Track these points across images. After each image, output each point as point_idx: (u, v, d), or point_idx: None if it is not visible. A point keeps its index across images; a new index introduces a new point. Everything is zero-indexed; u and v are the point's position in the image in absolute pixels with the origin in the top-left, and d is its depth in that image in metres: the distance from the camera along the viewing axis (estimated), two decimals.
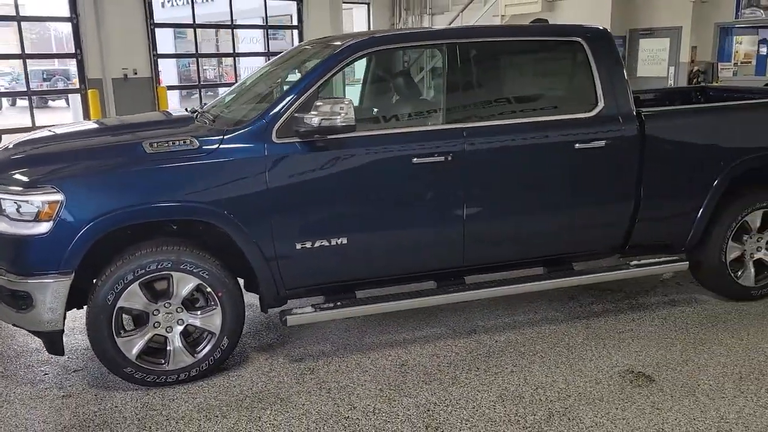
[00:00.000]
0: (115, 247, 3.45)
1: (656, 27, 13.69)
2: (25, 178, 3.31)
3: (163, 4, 25.18)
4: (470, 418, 3.22)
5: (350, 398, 3.42)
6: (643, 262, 4.39)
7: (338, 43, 3.89)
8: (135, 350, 3.46)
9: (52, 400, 3.46)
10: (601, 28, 4.24)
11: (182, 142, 3.47)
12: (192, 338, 3.63)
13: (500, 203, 3.95)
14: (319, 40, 4.52)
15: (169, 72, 19.47)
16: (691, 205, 4.32)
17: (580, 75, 4.16)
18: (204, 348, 3.59)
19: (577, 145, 3.97)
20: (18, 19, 11.70)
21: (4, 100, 24.52)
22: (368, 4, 17.57)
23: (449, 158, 3.74)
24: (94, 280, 3.44)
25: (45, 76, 23.96)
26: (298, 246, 3.61)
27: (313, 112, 3.44)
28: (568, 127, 3.99)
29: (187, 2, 16.47)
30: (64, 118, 15.73)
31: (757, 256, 4.58)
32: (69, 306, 3.41)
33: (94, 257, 3.39)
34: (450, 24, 15.62)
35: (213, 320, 3.57)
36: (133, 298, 3.40)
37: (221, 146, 3.49)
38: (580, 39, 4.09)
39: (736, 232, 4.47)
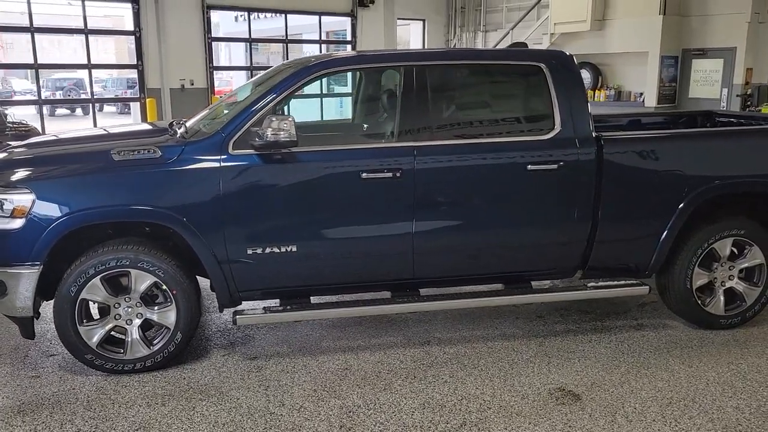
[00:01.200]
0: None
1: (710, 47, 13.32)
2: (5, 179, 3.73)
3: (236, 18, 26.37)
4: (385, 422, 3.38)
5: (283, 396, 3.65)
6: (600, 284, 4.43)
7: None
8: (95, 339, 3.81)
9: (22, 379, 3.86)
10: (563, 53, 4.34)
11: (147, 151, 3.81)
12: (153, 332, 3.96)
13: (449, 221, 4.11)
14: (300, 59, 4.80)
15: (239, 83, 20.24)
16: (653, 229, 4.32)
17: (539, 99, 4.27)
18: (159, 341, 3.91)
19: (529, 166, 4.08)
20: (86, 32, 12.61)
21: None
22: (424, 20, 17.84)
23: (398, 175, 3.93)
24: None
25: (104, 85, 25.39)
26: (249, 251, 3.88)
27: (264, 128, 3.72)
28: (520, 149, 4.11)
29: (260, 17, 17.25)
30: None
31: (728, 284, 4.53)
32: (48, 297, 3.82)
33: (71, 252, 3.77)
34: (499, 42, 15.70)
35: (168, 316, 3.88)
36: (95, 290, 3.76)
37: (181, 156, 3.81)
38: (540, 64, 4.20)
39: (704, 259, 4.44)
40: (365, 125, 4.52)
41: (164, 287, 3.84)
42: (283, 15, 15.16)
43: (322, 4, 15.32)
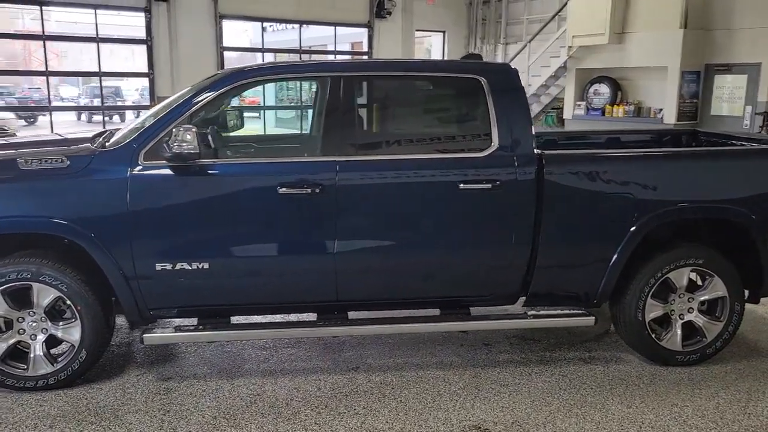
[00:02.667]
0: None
1: (734, 63, 12.75)
2: None
3: (264, 29, 26.62)
4: None
5: (179, 422, 3.45)
6: (542, 312, 4.12)
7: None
8: None
9: None
10: (505, 66, 4.08)
11: (54, 160, 3.68)
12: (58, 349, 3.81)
13: (374, 241, 3.87)
14: (235, 68, 4.64)
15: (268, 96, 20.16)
16: (601, 255, 4.01)
17: (476, 114, 4.02)
18: (63, 359, 3.76)
19: (461, 185, 3.82)
20: (97, 40, 12.78)
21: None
22: (444, 32, 17.63)
23: (317, 191, 3.72)
24: None
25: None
26: (158, 267, 3.71)
27: (170, 139, 3.56)
28: (451, 167, 3.85)
29: (289, 27, 17.28)
30: None
31: (687, 317, 4.17)
32: None
33: None
34: (516, 55, 15.37)
35: (72, 333, 3.73)
36: None
37: (89, 166, 3.67)
38: (479, 77, 3.95)
39: (659, 289, 4.09)
40: (289, 138, 4.33)
41: (68, 303, 3.68)
42: (299, 26, 15.13)
43: (338, 15, 15.25)
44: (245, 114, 5.47)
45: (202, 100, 3.79)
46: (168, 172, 3.67)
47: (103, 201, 3.63)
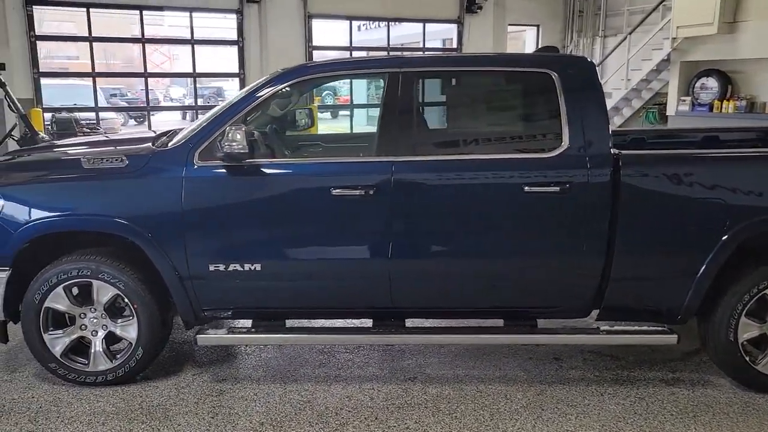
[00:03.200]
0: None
1: None
2: None
3: (359, 27, 26.77)
4: None
5: (226, 427, 3.39)
6: (616, 328, 3.76)
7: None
8: (59, 348, 3.76)
9: None
10: (581, 59, 3.75)
11: (114, 159, 3.72)
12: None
13: (430, 245, 3.66)
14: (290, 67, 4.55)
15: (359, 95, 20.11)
16: (685, 268, 3.61)
17: (545, 111, 3.73)
18: (122, 356, 3.80)
19: (526, 188, 3.54)
20: (192, 42, 13.21)
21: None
22: (538, 26, 17.03)
23: (371, 192, 3.55)
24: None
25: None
26: (212, 268, 3.67)
27: (222, 139, 3.50)
28: (516, 168, 3.58)
29: (380, 25, 17.26)
30: None
31: None
32: None
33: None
34: (615, 48, 14.59)
35: (129, 330, 3.76)
36: (58, 299, 3.71)
37: (147, 166, 3.68)
38: (550, 71, 3.64)
39: (755, 307, 3.64)
40: (355, 137, 4.19)
41: (126, 300, 3.71)
42: (387, 23, 15.04)
43: (427, 11, 15.02)
44: (322, 113, 5.38)
45: (255, 100, 3.71)
46: (220, 172, 3.62)
47: (159, 200, 3.63)
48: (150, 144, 4.01)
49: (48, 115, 9.36)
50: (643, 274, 3.67)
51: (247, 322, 3.90)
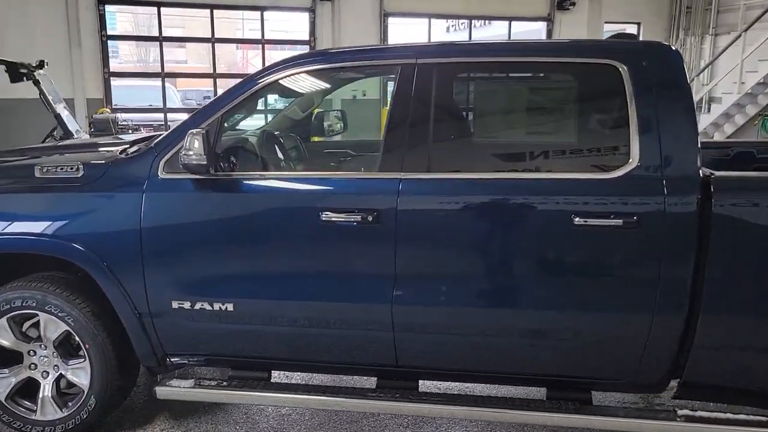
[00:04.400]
0: None
1: None
2: None
3: (448, 29, 25.92)
4: None
5: None
6: (700, 414, 2.74)
7: None
8: (3, 389, 3.17)
9: None
10: (661, 47, 2.77)
11: (69, 168, 3.09)
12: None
13: (445, 290, 2.79)
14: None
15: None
16: None
17: (607, 116, 2.79)
18: (73, 404, 3.16)
19: (576, 219, 2.60)
20: (263, 42, 12.81)
21: None
22: (639, 23, 15.52)
23: (371, 218, 2.73)
24: None
25: None
26: (175, 305, 2.97)
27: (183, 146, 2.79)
28: (563, 192, 2.65)
29: (475, 24, 16.37)
30: None
31: None
32: None
33: None
34: (727, 47, 12.98)
35: (80, 375, 3.12)
36: (2, 333, 3.12)
37: (103, 176, 3.03)
38: (617, 63, 2.69)
39: None
40: (348, 148, 3.39)
41: (77, 339, 3.07)
42: (468, 22, 14.10)
43: (513, 8, 13.93)
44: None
45: (234, 99, 2.97)
46: (187, 186, 2.90)
47: (114, 219, 2.97)
48: (114, 150, 3.35)
49: (100, 116, 9.15)
50: (741, 341, 2.65)
51: (225, 373, 3.16)
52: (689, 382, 2.74)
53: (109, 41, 11.81)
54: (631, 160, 2.62)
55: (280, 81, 2.99)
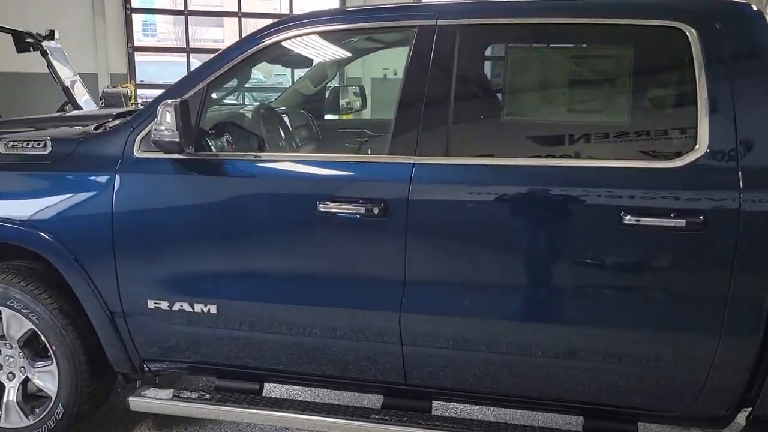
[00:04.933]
0: None
1: None
2: None
3: None
4: None
5: None
6: None
7: None
8: None
9: None
10: (738, 5, 2.23)
11: (36, 144, 2.69)
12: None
13: (465, 296, 2.33)
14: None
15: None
16: None
17: (670, 91, 2.29)
18: (40, 412, 2.79)
19: (627, 217, 2.12)
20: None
21: None
22: None
23: (377, 210, 2.28)
24: None
25: None
26: (151, 304, 2.57)
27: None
28: (611, 183, 2.16)
29: None
30: None
31: None
32: None
33: None
34: None
35: (47, 379, 2.75)
36: None
37: (73, 154, 2.63)
38: (683, 25, 2.18)
39: None
40: (368, 127, 2.93)
41: (43, 339, 2.70)
42: None
43: None
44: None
45: (222, 66, 2.52)
46: (165, 167, 2.49)
47: (82, 204, 2.57)
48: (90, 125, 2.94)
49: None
50: None
51: (209, 384, 2.76)
52: (762, 417, 2.25)
53: (144, 18, 11.52)
54: (697, 146, 2.12)
55: (282, 44, 2.54)
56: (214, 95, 2.66)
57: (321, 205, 2.32)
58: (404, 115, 2.36)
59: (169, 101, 2.29)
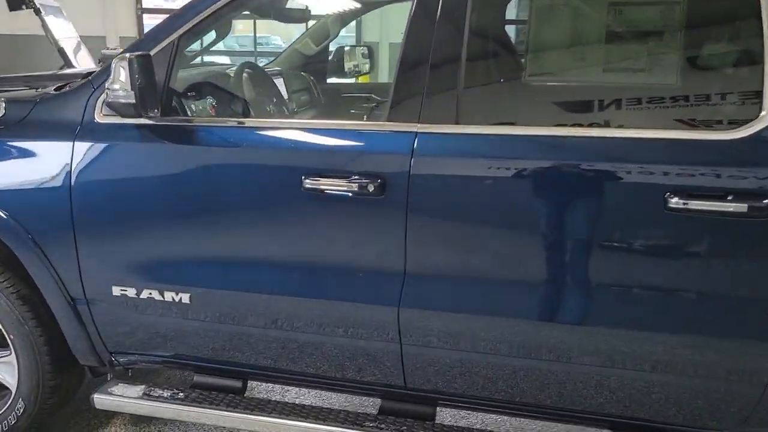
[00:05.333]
0: None
1: None
2: None
3: None
4: None
5: None
6: None
7: None
8: None
9: None
10: None
11: None
12: None
13: (475, 290, 1.98)
14: None
15: None
16: None
17: (728, 46, 1.88)
18: (1, 406, 2.51)
19: (673, 200, 1.73)
20: None
21: None
22: None
23: (372, 188, 1.92)
24: None
25: None
26: (117, 291, 2.25)
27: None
28: (655, 158, 1.78)
29: None
30: None
31: None
32: None
33: None
34: None
35: (6, 370, 2.47)
36: None
37: (27, 118, 2.29)
38: None
39: None
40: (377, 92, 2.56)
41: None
42: None
43: None
44: None
45: (195, 17, 2.15)
46: (128, 136, 2.14)
47: (39, 176, 2.24)
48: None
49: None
50: None
51: (184, 381, 2.46)
52: None
53: None
54: (763, 113, 1.72)
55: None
56: (188, 51, 2.29)
57: (307, 181, 1.97)
58: (406, 76, 1.98)
59: (125, 54, 1.93)
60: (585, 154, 1.83)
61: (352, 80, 4.00)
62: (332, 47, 3.73)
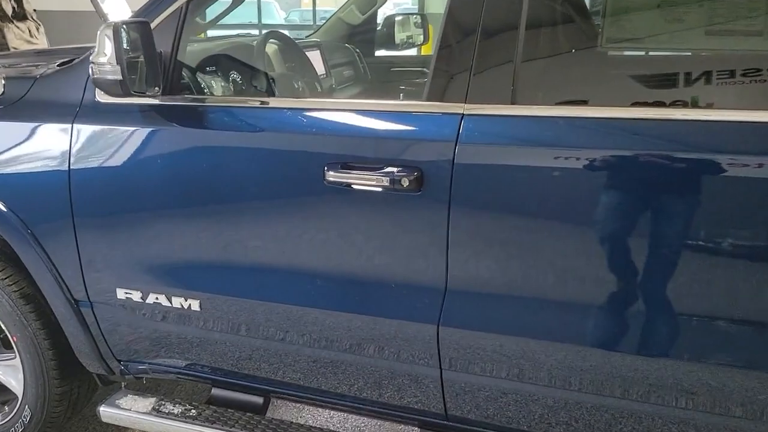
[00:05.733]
0: None
1: None
2: None
3: None
4: None
5: None
6: None
7: None
8: None
9: None
10: None
11: None
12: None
13: (533, 307, 1.61)
14: None
15: None
16: None
17: None
18: (8, 413, 2.32)
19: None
20: None
21: None
22: None
23: (407, 182, 1.57)
24: None
25: None
26: (122, 294, 1.99)
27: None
28: (728, 139, 1.36)
29: None
30: None
31: None
32: None
33: None
34: None
35: (11, 374, 2.26)
36: None
37: (25, 98, 2.04)
38: None
39: None
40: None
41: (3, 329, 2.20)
42: None
43: None
44: None
45: None
46: (132, 118, 1.86)
47: (37, 163, 1.99)
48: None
49: None
50: None
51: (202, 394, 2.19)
52: None
53: None
54: None
55: None
56: (199, 19, 1.99)
57: (330, 174, 1.64)
58: (450, 48, 1.61)
59: (112, 22, 1.63)
60: (676, 142, 1.42)
61: (408, 52, 3.65)
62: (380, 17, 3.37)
